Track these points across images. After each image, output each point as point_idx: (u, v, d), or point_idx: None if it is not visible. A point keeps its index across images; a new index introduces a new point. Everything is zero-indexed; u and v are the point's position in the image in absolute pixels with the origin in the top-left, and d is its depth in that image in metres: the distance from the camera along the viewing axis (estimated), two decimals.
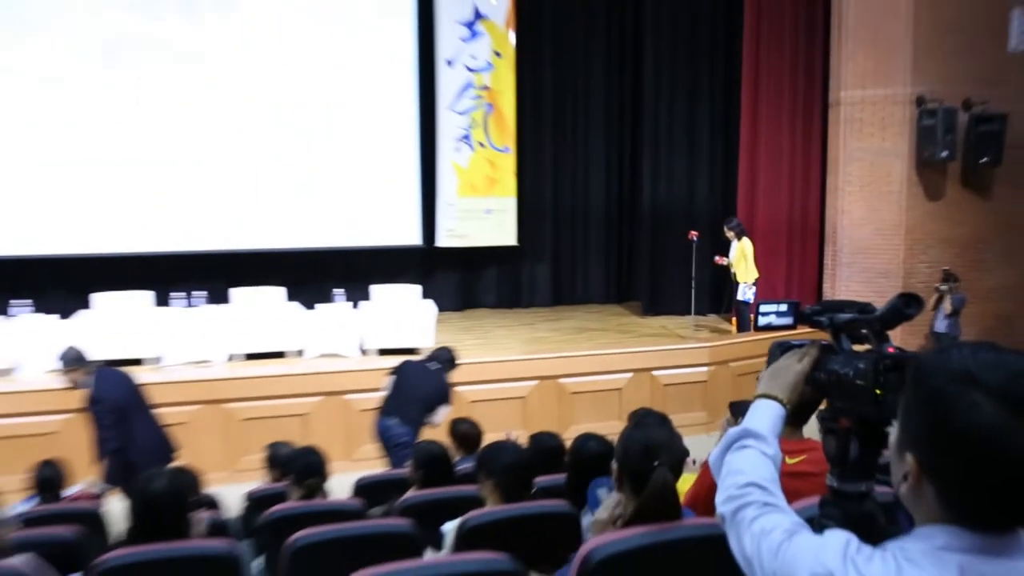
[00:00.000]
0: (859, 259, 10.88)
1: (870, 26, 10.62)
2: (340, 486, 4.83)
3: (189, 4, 10.79)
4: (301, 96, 11.24)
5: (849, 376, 1.64)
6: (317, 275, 11.71)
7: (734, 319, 10.69)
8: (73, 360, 5.95)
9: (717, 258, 10.53)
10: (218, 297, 10.23)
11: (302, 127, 11.26)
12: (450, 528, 3.27)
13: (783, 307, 2.11)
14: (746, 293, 10.23)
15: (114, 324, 8.90)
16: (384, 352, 9.17)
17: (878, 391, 1.55)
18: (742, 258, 10.26)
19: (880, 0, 10.56)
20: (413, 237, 11.89)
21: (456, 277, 12.82)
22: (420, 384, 6.67)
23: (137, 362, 8.65)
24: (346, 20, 11.37)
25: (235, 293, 9.87)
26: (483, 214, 12.25)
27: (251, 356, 9.01)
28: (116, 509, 4.07)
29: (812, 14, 11.38)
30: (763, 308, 2.15)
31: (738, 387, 9.18)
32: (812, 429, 2.12)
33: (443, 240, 12.16)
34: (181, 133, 10.85)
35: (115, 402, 5.86)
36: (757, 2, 11.31)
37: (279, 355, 9.07)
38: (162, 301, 9.94)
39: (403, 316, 9.51)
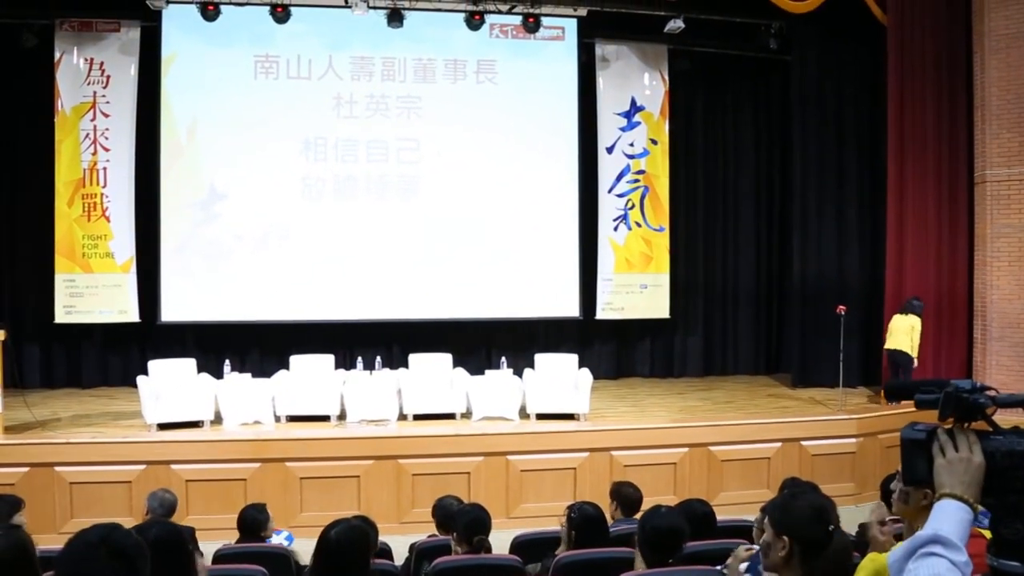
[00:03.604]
0: (1009, 333, 10.23)
1: (1013, 107, 10.18)
2: (499, 542, 4.74)
3: (378, 106, 11.32)
4: (475, 183, 11.53)
5: None
6: (484, 343, 11.90)
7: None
8: None
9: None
10: (394, 361, 10.49)
11: (474, 210, 11.52)
12: None
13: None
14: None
15: (304, 384, 9.21)
16: (541, 416, 9.11)
17: None
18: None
19: (1022, 82, 10.10)
20: (572, 310, 11.86)
21: (612, 347, 12.70)
22: None
23: (326, 418, 8.93)
24: (517, 114, 11.65)
25: (413, 359, 10.00)
26: (638, 289, 12.14)
27: (420, 417, 9.09)
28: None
29: (954, 95, 10.87)
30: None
31: (887, 459, 8.64)
32: None
33: (601, 313, 12.09)
34: (366, 217, 11.31)
35: None
36: (900, 84, 10.87)
37: (446, 416, 9.13)
38: (345, 364, 10.29)
39: (560, 383, 9.42)
